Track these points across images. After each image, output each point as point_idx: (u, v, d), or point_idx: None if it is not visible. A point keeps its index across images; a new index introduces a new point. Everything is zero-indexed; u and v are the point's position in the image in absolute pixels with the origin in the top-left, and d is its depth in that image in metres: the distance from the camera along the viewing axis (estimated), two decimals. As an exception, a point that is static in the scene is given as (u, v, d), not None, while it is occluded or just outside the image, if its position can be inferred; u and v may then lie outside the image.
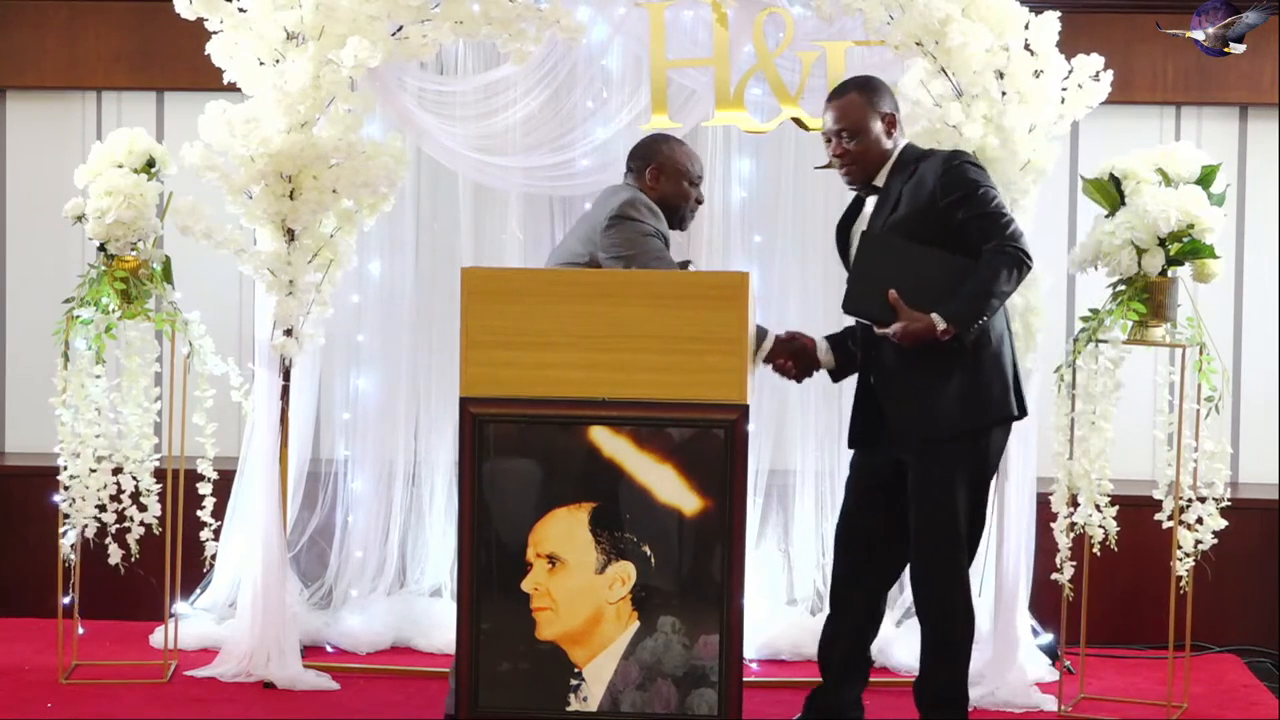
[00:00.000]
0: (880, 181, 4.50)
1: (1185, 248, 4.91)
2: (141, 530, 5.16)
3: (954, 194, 4.35)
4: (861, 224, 4.54)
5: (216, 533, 5.23)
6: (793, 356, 4.53)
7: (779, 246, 5.70)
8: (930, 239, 4.34)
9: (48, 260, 6.20)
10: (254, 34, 5.00)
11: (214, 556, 5.29)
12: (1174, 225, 4.86)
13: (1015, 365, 4.47)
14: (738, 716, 4.12)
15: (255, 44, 5.01)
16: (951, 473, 4.35)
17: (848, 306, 4.42)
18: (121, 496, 5.14)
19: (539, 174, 5.43)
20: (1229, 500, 4.99)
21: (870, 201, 4.52)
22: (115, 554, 5.12)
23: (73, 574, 5.15)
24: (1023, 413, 4.45)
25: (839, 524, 4.60)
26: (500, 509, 4.11)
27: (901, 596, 5.58)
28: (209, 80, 5.22)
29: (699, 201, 4.70)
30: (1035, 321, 4.98)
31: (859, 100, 4.48)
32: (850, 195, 4.62)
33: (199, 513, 5.13)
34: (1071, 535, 5.03)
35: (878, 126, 4.48)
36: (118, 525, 5.12)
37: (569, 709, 4.11)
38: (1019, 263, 4.30)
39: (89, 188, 5.10)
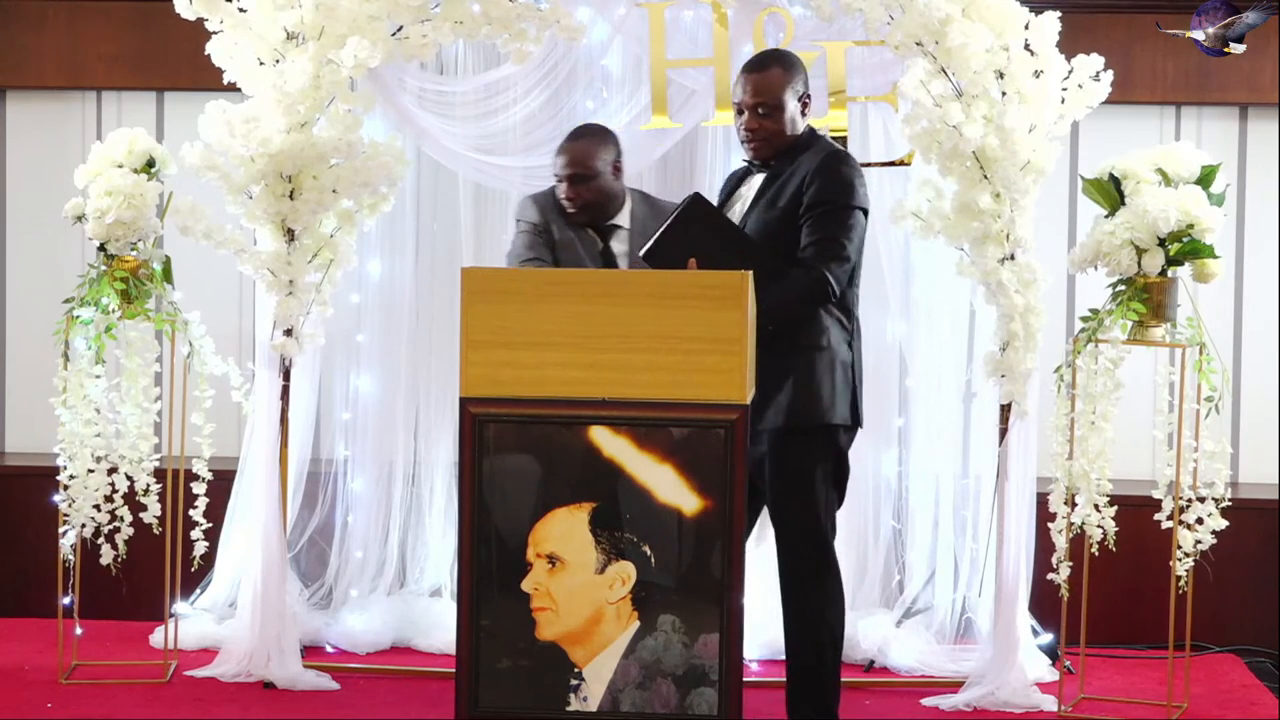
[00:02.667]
0: (774, 162, 4.54)
1: (1185, 248, 4.91)
2: (132, 531, 5.15)
3: (818, 192, 4.38)
4: (738, 202, 4.57)
5: (208, 533, 5.22)
6: None
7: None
8: (790, 231, 4.39)
9: (48, 260, 6.20)
10: (254, 34, 5.00)
11: (203, 556, 5.28)
12: (1174, 225, 4.86)
13: (855, 376, 4.51)
14: (738, 716, 4.12)
15: (255, 44, 5.02)
16: (802, 464, 4.44)
17: (649, 253, 4.40)
18: (115, 496, 5.14)
19: (539, 174, 5.42)
20: (1229, 500, 4.99)
21: (755, 180, 4.54)
22: (107, 555, 5.12)
23: (72, 574, 5.15)
24: (857, 423, 4.53)
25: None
26: (500, 509, 4.11)
27: (901, 596, 5.59)
28: (209, 80, 5.22)
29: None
30: (1035, 321, 4.98)
31: (781, 76, 4.49)
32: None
33: (192, 512, 5.14)
34: (1070, 535, 5.03)
35: (793, 106, 4.51)
36: (111, 526, 5.12)
37: (569, 709, 4.11)
38: (824, 295, 4.38)
39: (89, 188, 5.10)
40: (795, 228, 4.43)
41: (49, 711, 4.86)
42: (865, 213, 4.48)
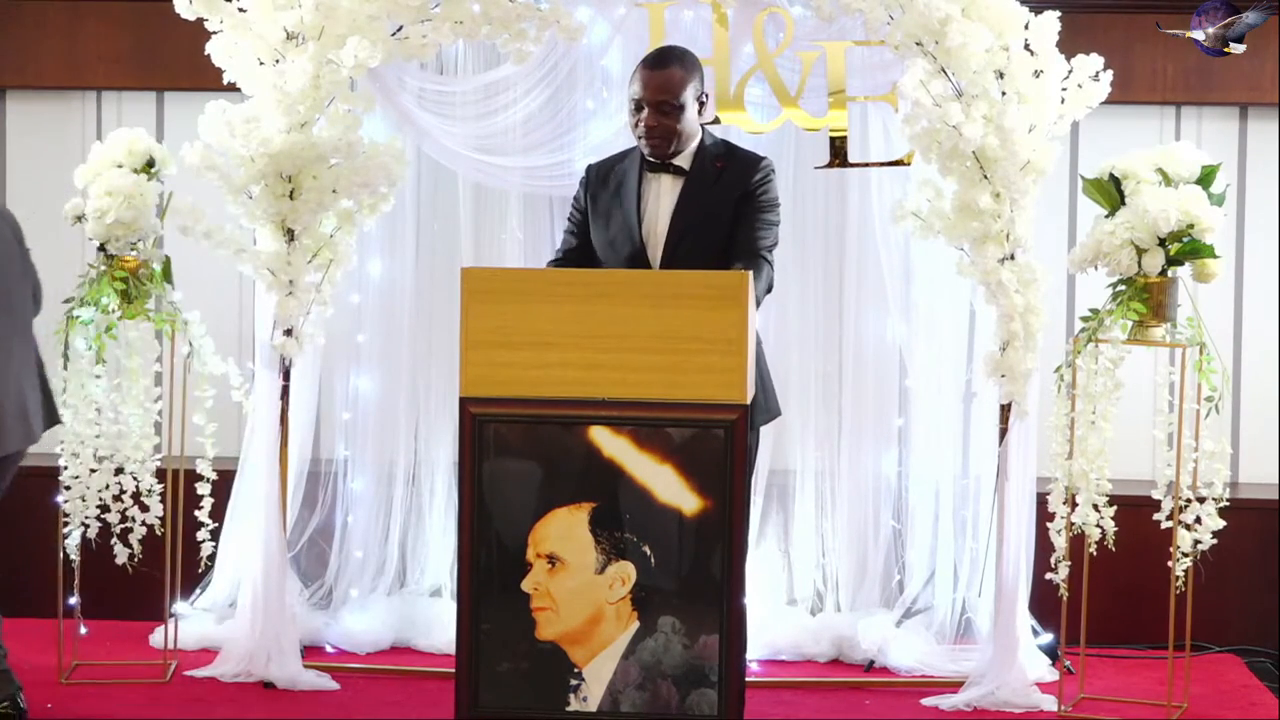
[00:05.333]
0: (684, 164, 4.59)
1: (1185, 248, 4.91)
2: (144, 530, 5.16)
3: (767, 197, 4.61)
4: (654, 199, 4.59)
5: (214, 533, 5.23)
6: None
7: (778, 246, 5.69)
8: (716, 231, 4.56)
9: (48, 260, 6.17)
10: (254, 34, 5.00)
11: (211, 557, 5.29)
12: (1174, 225, 4.86)
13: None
14: (738, 716, 4.12)
15: (255, 44, 5.02)
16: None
17: None
18: (123, 497, 5.14)
19: (539, 174, 5.44)
20: (1228, 500, 4.99)
21: (662, 179, 4.59)
22: (122, 554, 5.13)
23: (75, 574, 5.15)
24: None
25: None
26: (500, 509, 4.11)
27: (901, 596, 5.59)
28: (209, 80, 5.22)
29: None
30: (1035, 321, 4.98)
31: (681, 75, 4.56)
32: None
33: (197, 513, 5.14)
34: (1070, 535, 5.03)
35: (693, 104, 4.59)
36: (121, 525, 5.12)
37: (569, 709, 4.11)
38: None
39: (89, 188, 5.10)
40: (722, 227, 4.55)
41: (49, 711, 4.86)
42: None
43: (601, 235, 4.65)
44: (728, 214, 4.57)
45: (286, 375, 5.16)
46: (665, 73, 4.54)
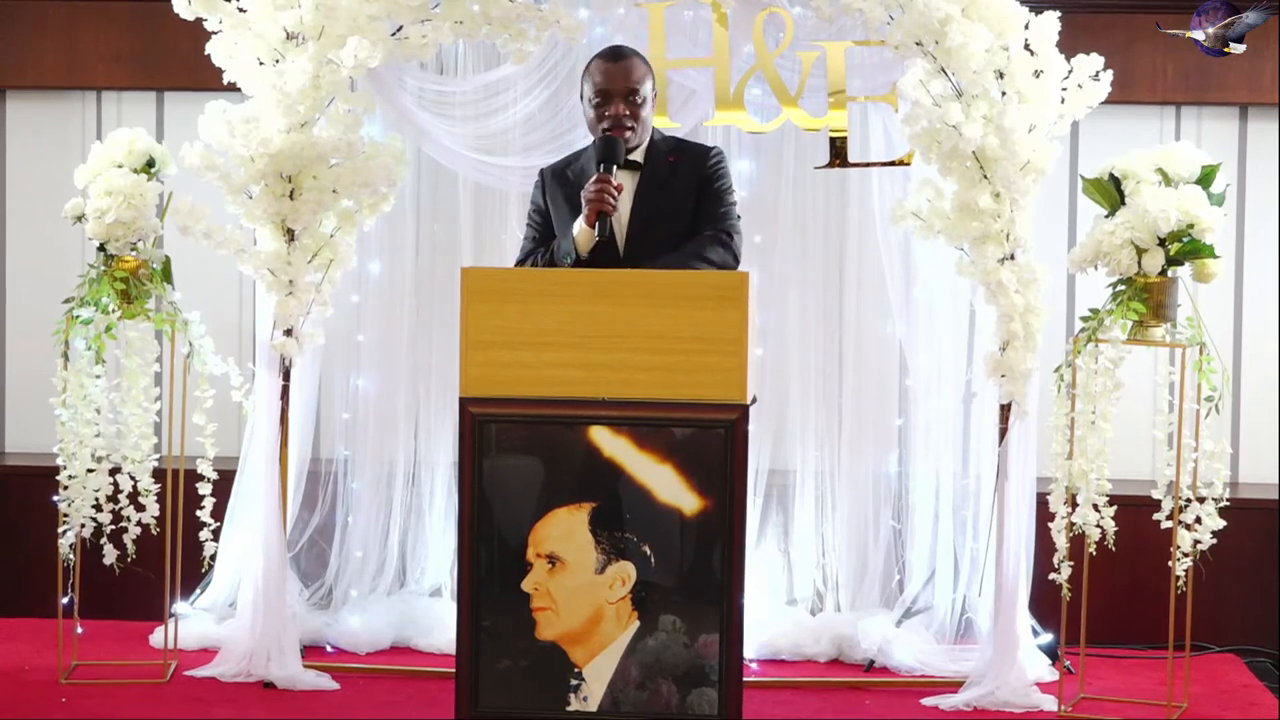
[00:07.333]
0: (639, 158, 4.62)
1: (1185, 248, 4.91)
2: (139, 530, 5.16)
3: (721, 179, 4.64)
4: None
5: (216, 533, 5.23)
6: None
7: (779, 246, 5.70)
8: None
9: (48, 260, 6.20)
10: (254, 34, 5.00)
11: (213, 557, 5.29)
12: (1174, 225, 4.86)
13: None
14: (738, 716, 4.12)
15: (255, 44, 5.02)
16: None
17: None
18: (119, 496, 5.14)
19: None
20: (1228, 500, 4.99)
21: (620, 175, 4.55)
22: (111, 554, 5.13)
23: (72, 574, 5.16)
24: None
25: None
26: (500, 509, 4.11)
27: (901, 596, 5.59)
28: (209, 80, 5.22)
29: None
30: (1035, 321, 4.98)
31: (644, 68, 4.62)
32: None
33: (198, 513, 5.14)
34: (1070, 535, 5.03)
35: (651, 98, 4.64)
36: (114, 525, 5.12)
37: (569, 709, 4.11)
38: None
39: (89, 188, 5.10)
40: (683, 218, 4.58)
41: (49, 711, 4.86)
42: None
43: (566, 232, 4.64)
44: (689, 205, 4.61)
45: (286, 375, 5.16)
46: (629, 63, 4.59)
